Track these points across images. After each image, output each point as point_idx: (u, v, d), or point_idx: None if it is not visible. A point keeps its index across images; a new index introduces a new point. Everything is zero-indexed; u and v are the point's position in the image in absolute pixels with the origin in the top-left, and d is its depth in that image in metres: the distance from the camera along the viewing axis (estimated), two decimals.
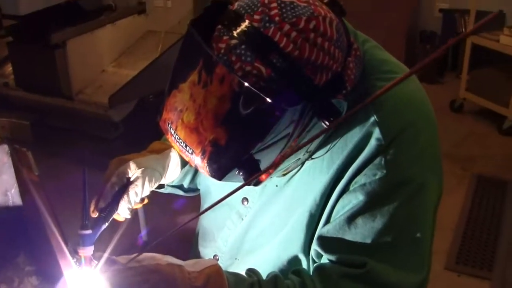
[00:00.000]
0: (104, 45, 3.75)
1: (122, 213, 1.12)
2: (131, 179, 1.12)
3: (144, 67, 3.40)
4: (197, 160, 0.89)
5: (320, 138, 0.96)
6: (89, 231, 1.01)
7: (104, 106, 3.37)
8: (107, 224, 1.07)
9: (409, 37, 4.54)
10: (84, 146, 3.54)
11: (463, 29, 4.27)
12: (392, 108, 0.97)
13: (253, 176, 0.86)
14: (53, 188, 1.25)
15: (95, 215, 1.07)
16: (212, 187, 1.25)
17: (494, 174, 3.35)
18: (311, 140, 0.88)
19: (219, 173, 0.89)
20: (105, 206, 1.08)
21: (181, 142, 0.89)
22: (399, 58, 1.07)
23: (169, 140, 0.92)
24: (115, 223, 1.12)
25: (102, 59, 3.78)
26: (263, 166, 0.88)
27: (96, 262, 0.97)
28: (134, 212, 1.14)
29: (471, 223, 2.94)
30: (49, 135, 3.69)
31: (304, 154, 0.97)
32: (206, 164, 0.88)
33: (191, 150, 0.88)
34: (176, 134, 0.88)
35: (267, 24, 0.84)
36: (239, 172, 0.87)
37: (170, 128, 0.89)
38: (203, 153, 0.87)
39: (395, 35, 4.40)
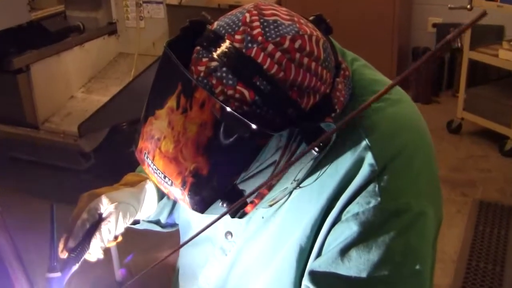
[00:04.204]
0: (72, 69, 3.74)
1: (94, 252, 1.10)
2: (104, 215, 1.11)
3: (117, 93, 3.40)
4: (177, 192, 0.88)
5: (309, 165, 0.96)
6: (58, 274, 1.00)
7: (73, 135, 3.36)
8: (77, 265, 1.06)
9: (401, 54, 4.58)
10: (51, 178, 3.51)
11: (459, 44, 4.30)
12: (385, 132, 0.97)
13: (236, 205, 0.86)
14: (17, 226, 1.24)
15: (64, 255, 1.06)
16: (192, 221, 1.25)
17: (497, 199, 3.37)
18: (289, 165, 0.88)
19: (202, 206, 0.88)
20: (75, 246, 1.07)
21: (159, 173, 0.88)
22: (390, 77, 1.09)
23: (146, 171, 0.92)
24: (87, 264, 1.11)
25: (70, 85, 3.77)
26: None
27: None
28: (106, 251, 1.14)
29: (474, 253, 2.94)
30: (12, 168, 3.66)
31: (291, 183, 0.97)
32: (187, 196, 0.88)
33: (170, 181, 0.88)
34: (154, 165, 0.88)
35: (249, 45, 0.84)
36: (222, 204, 0.87)
37: (147, 158, 0.89)
38: (184, 184, 0.87)
39: (386, 53, 4.45)
